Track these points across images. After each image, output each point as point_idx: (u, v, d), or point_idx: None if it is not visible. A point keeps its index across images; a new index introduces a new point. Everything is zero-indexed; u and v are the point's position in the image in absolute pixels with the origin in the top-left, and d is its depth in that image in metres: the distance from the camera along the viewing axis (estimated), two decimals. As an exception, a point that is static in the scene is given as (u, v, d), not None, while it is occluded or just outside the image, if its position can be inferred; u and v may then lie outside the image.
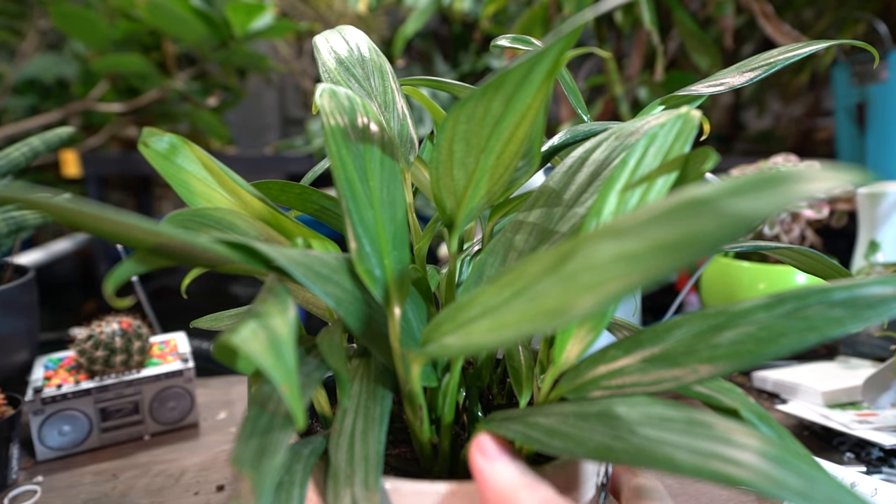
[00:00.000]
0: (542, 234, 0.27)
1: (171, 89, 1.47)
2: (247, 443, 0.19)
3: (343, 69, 0.35)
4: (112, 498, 0.47)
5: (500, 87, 0.22)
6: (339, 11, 1.77)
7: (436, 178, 0.26)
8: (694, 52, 1.09)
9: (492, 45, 0.38)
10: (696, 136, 0.25)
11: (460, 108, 0.23)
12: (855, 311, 0.20)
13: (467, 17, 1.72)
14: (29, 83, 1.49)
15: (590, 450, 0.19)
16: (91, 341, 0.54)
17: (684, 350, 0.22)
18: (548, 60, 0.21)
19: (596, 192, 0.26)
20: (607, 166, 0.27)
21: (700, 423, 0.19)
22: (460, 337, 0.20)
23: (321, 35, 0.37)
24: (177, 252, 0.22)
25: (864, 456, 0.53)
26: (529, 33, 1.16)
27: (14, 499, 0.47)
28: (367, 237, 0.24)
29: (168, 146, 0.29)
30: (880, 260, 0.71)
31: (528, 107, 0.23)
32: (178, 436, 0.56)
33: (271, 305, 0.20)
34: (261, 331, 0.18)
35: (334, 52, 0.36)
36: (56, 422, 0.51)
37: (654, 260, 0.15)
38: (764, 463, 0.17)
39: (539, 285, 0.18)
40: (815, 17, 1.26)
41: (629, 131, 0.28)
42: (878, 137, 0.90)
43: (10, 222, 0.57)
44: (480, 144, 0.24)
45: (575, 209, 0.27)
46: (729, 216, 0.14)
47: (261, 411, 0.21)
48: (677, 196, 0.16)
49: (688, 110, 0.25)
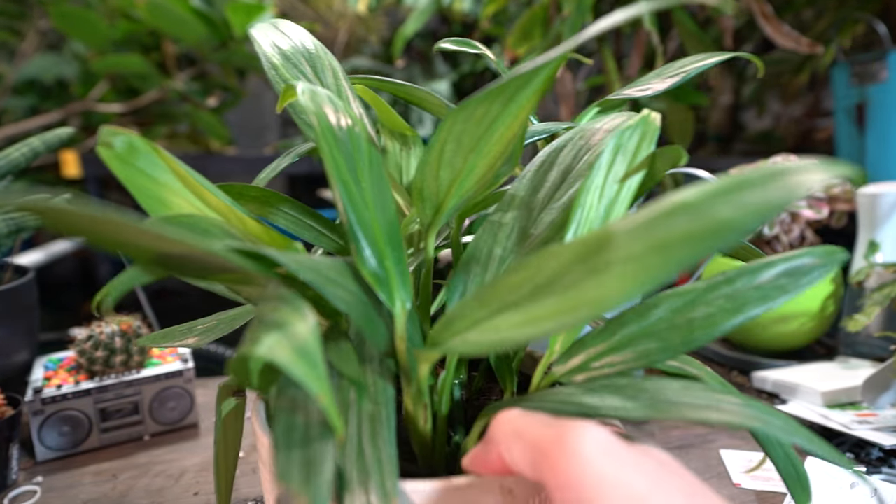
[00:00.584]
0: (523, 232, 0.29)
1: (171, 90, 1.47)
2: (288, 456, 0.18)
3: (290, 65, 0.33)
4: (112, 498, 0.47)
5: (505, 90, 0.23)
6: (338, 12, 1.77)
7: (420, 179, 0.26)
8: (693, 52, 1.09)
9: (436, 47, 0.38)
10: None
11: (462, 109, 0.23)
12: (795, 279, 0.25)
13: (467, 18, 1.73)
14: (29, 83, 1.49)
15: (607, 410, 0.21)
16: (91, 342, 0.54)
17: (666, 326, 0.24)
18: (553, 65, 0.22)
19: (569, 188, 0.29)
20: (576, 165, 0.30)
21: (690, 386, 0.23)
22: (485, 333, 0.20)
23: (257, 28, 0.35)
24: (184, 260, 0.21)
25: (863, 456, 0.53)
26: (529, 34, 1.16)
27: (14, 499, 0.47)
28: (367, 239, 0.24)
29: (126, 147, 0.25)
30: (880, 260, 0.71)
31: (521, 108, 0.24)
32: (177, 436, 0.56)
33: (288, 313, 0.19)
34: (285, 339, 0.18)
35: (277, 47, 0.34)
36: (56, 422, 0.51)
37: (684, 249, 0.16)
38: (749, 410, 0.21)
39: (568, 277, 0.19)
40: (814, 18, 1.26)
41: (592, 131, 0.30)
42: (878, 138, 0.90)
43: (9, 223, 0.57)
44: (471, 144, 0.25)
45: (552, 205, 0.29)
46: (747, 205, 0.16)
47: (291, 421, 0.20)
48: (699, 189, 0.17)
49: (649, 113, 0.27)
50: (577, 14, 0.96)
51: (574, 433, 0.19)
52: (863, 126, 0.93)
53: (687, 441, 0.55)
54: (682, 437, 0.55)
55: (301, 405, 0.21)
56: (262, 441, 0.25)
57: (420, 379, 0.25)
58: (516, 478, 0.23)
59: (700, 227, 0.16)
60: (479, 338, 0.21)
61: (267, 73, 0.32)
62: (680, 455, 0.52)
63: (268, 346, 0.17)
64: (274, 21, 0.36)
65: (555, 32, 1.06)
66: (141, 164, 0.25)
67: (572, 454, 0.18)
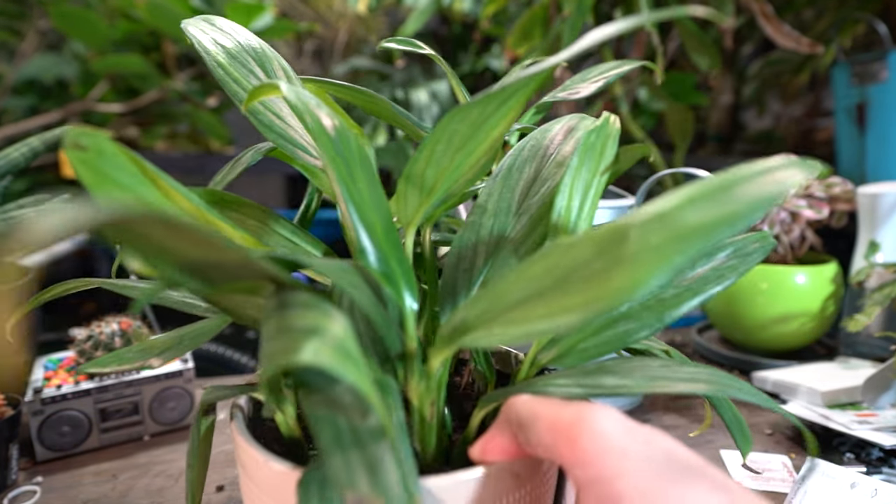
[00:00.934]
0: (503, 230, 0.31)
1: (171, 90, 1.47)
2: (347, 462, 0.18)
3: (238, 64, 0.32)
4: (112, 498, 0.47)
5: (503, 93, 0.23)
6: (338, 11, 1.77)
7: (406, 178, 0.26)
8: (694, 52, 1.09)
9: (379, 46, 0.38)
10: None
11: (459, 110, 0.24)
12: (743, 259, 0.29)
13: (467, 18, 1.72)
14: (29, 83, 1.49)
15: (608, 390, 0.24)
16: (91, 342, 0.54)
17: (640, 308, 0.28)
18: (547, 72, 0.22)
19: (542, 185, 0.31)
20: (545, 165, 0.32)
21: (668, 363, 0.26)
22: (511, 325, 0.21)
23: (190, 24, 0.32)
24: (216, 267, 0.21)
25: (863, 456, 0.53)
26: (529, 34, 1.16)
27: (14, 499, 0.47)
28: (371, 240, 0.24)
29: (93, 151, 0.22)
30: (880, 260, 0.71)
31: (511, 109, 0.24)
32: (177, 436, 0.56)
33: (318, 317, 0.19)
34: (325, 343, 0.17)
35: (220, 45, 0.32)
36: (56, 422, 0.51)
37: (699, 238, 0.17)
38: (715, 377, 0.24)
39: (590, 268, 0.19)
40: (815, 18, 1.26)
41: (554, 132, 0.33)
42: (878, 138, 0.90)
43: (10, 223, 0.57)
44: (460, 144, 0.25)
45: (529, 201, 0.31)
46: (744, 198, 0.18)
47: (335, 425, 0.20)
48: (706, 183, 0.19)
49: (608, 115, 0.30)
50: (578, 14, 0.96)
51: (593, 412, 0.20)
52: (863, 126, 0.92)
53: (687, 442, 0.55)
54: (682, 437, 0.55)
55: (339, 407, 0.20)
56: (250, 453, 0.25)
57: (432, 375, 0.25)
58: (523, 461, 0.24)
59: (712, 217, 0.17)
60: (505, 330, 0.21)
61: (213, 71, 0.31)
62: (680, 455, 0.52)
63: (313, 352, 0.17)
64: (207, 17, 0.34)
65: (555, 32, 1.05)
66: (108, 168, 0.22)
67: (594, 432, 0.19)
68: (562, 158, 0.31)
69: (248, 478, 0.26)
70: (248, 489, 0.26)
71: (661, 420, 0.59)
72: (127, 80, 1.46)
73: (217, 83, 1.35)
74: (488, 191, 0.32)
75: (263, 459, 0.24)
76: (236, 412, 0.28)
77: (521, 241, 0.29)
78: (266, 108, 0.32)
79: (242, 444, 0.26)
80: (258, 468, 0.25)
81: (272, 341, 0.19)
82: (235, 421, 0.27)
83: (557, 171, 0.31)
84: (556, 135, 0.33)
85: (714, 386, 0.24)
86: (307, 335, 0.18)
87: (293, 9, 1.72)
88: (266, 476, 0.24)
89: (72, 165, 0.21)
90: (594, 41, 0.21)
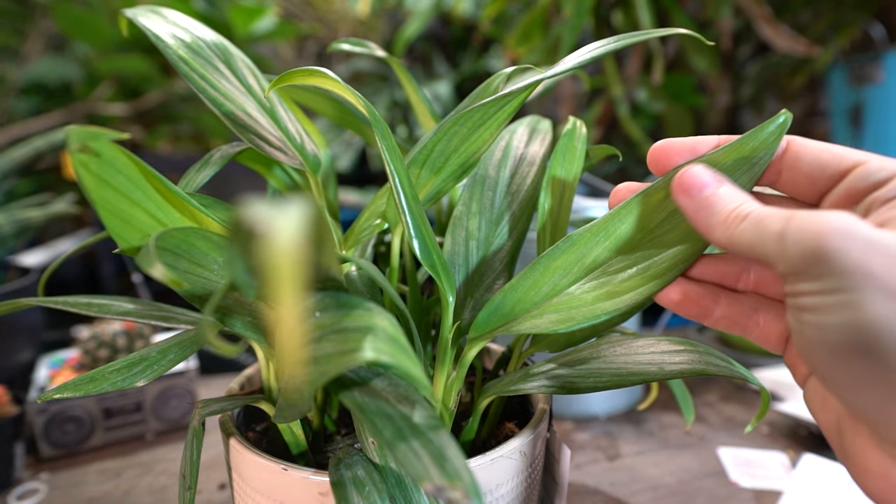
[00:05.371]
0: (489, 225, 0.33)
1: (174, 91, 1.47)
2: (415, 453, 0.18)
3: (202, 60, 0.30)
4: (115, 496, 0.47)
5: (502, 99, 0.25)
6: (339, 13, 1.78)
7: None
8: (692, 54, 1.09)
9: (329, 47, 0.38)
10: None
11: (462, 114, 0.25)
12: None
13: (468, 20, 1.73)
14: (33, 85, 1.50)
15: (611, 373, 0.27)
16: (94, 341, 0.55)
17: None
18: (534, 84, 0.25)
19: (521, 183, 0.33)
20: (520, 166, 0.34)
21: (653, 347, 0.28)
22: (559, 312, 0.25)
23: (142, 15, 0.29)
24: None
25: (859, 455, 0.53)
26: (529, 36, 1.17)
27: (19, 496, 0.47)
28: (417, 232, 0.25)
29: (94, 153, 0.20)
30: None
31: (505, 113, 0.26)
32: (180, 435, 0.57)
33: (363, 315, 0.19)
34: (381, 340, 0.18)
35: (179, 39, 0.29)
36: (60, 421, 0.52)
37: None
38: (697, 355, 0.27)
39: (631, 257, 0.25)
40: (812, 20, 1.26)
41: (520, 135, 0.36)
42: (875, 139, 0.90)
43: (15, 224, 0.57)
44: (456, 145, 0.27)
45: (511, 198, 0.33)
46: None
47: (390, 418, 0.20)
48: None
49: (575, 120, 0.33)
50: (577, 16, 0.97)
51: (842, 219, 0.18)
52: (860, 127, 0.93)
53: (685, 440, 0.55)
54: (680, 436, 0.56)
55: (388, 400, 0.21)
56: (250, 459, 0.26)
57: (466, 363, 0.27)
58: (526, 441, 0.27)
59: None
60: (559, 317, 0.25)
61: (175, 65, 0.28)
62: (678, 453, 0.53)
63: (375, 350, 0.17)
64: (154, 8, 0.30)
65: (554, 34, 1.06)
66: (108, 170, 0.21)
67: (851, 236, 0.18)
68: (532, 158, 0.34)
69: (251, 488, 0.27)
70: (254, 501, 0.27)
71: (659, 419, 0.59)
72: (130, 81, 1.47)
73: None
74: (469, 193, 0.33)
75: (281, 468, 0.25)
76: (232, 430, 0.29)
77: (509, 235, 0.32)
78: (238, 108, 0.30)
79: (252, 457, 0.26)
80: (272, 475, 0.25)
81: (322, 343, 0.19)
82: (241, 440, 0.27)
83: (530, 170, 0.34)
84: (521, 136, 0.36)
85: (700, 364, 0.26)
86: (362, 334, 0.18)
87: (294, 10, 1.73)
88: (282, 483, 0.25)
89: (77, 171, 0.21)
90: (593, 56, 0.22)
